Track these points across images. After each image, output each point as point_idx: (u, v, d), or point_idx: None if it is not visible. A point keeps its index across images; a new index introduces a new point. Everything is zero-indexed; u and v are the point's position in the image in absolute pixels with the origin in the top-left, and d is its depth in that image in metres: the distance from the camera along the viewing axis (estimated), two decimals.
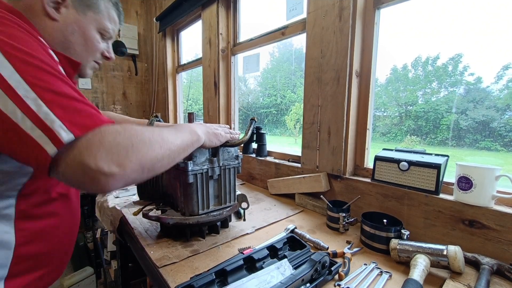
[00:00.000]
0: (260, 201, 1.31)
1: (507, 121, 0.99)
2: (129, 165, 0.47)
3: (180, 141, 0.61)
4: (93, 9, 0.67)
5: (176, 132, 0.62)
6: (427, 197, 0.89)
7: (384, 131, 1.38)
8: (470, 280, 0.68)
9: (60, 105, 0.45)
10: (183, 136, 0.63)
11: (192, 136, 0.67)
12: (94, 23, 0.68)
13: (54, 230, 0.65)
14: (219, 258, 0.78)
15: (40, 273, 0.64)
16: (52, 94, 0.45)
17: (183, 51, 2.72)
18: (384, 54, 1.12)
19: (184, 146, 0.63)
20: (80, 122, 0.46)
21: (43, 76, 0.46)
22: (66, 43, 0.64)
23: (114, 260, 1.77)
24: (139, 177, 0.51)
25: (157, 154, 0.53)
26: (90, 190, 0.47)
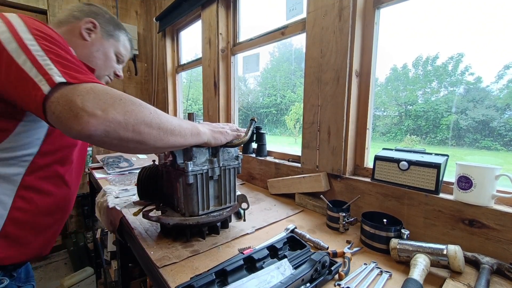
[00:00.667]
0: (260, 201, 1.31)
1: (507, 121, 0.99)
2: (112, 112, 0.51)
3: (177, 124, 0.63)
4: (114, 38, 0.92)
5: (175, 117, 0.65)
6: (427, 196, 0.89)
7: (384, 130, 1.38)
8: (470, 279, 0.68)
9: (61, 64, 0.54)
10: (182, 123, 0.66)
11: (193, 128, 0.69)
12: (113, 47, 0.92)
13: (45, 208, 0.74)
14: (219, 258, 0.78)
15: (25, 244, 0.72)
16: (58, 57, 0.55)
17: (183, 51, 2.72)
18: (384, 54, 1.12)
19: (181, 130, 0.64)
20: (75, 75, 0.53)
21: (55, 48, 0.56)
22: (91, 58, 0.86)
23: (114, 260, 1.77)
24: (121, 130, 0.52)
25: (145, 117, 0.56)
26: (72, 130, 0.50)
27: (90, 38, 0.85)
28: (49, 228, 0.80)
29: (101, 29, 0.88)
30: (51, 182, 0.75)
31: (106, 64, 0.91)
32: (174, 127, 0.62)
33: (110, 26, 0.91)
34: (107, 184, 1.58)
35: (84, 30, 0.84)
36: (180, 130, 0.64)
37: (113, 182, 1.63)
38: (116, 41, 0.92)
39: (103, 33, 0.88)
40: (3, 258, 0.66)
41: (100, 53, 0.88)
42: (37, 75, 0.51)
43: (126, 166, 1.95)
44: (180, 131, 0.64)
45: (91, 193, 2.43)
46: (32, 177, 0.69)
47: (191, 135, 0.68)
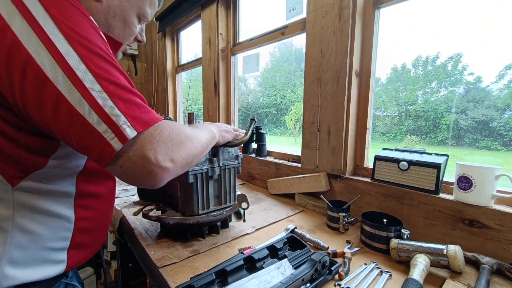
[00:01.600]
0: (260, 201, 1.31)
1: (507, 121, 0.99)
2: (179, 160, 0.51)
3: (206, 138, 0.65)
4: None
5: (201, 131, 0.66)
6: (427, 196, 0.89)
7: (384, 130, 1.38)
8: (470, 279, 0.68)
9: (122, 99, 0.46)
10: (206, 134, 0.67)
11: (211, 134, 0.71)
12: (135, 8, 0.66)
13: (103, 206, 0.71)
14: (219, 258, 0.78)
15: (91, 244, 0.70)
16: (114, 86, 0.46)
17: (183, 51, 2.72)
18: (384, 53, 1.12)
19: (208, 143, 0.67)
20: (141, 118, 0.47)
21: (104, 65, 0.46)
22: (107, 26, 0.63)
23: (114, 260, 1.77)
24: (182, 171, 0.55)
25: (196, 150, 0.58)
26: (143, 184, 0.50)
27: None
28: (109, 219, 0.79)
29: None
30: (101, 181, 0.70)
31: (126, 32, 0.68)
32: (206, 143, 0.65)
33: None
34: None
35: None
36: (208, 144, 0.68)
37: None
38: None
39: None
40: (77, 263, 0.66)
41: (117, 20, 0.64)
42: (101, 125, 0.43)
43: None
44: (208, 145, 0.68)
45: None
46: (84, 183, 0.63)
47: (211, 140, 0.70)
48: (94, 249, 0.73)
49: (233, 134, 0.87)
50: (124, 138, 0.44)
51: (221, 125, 0.85)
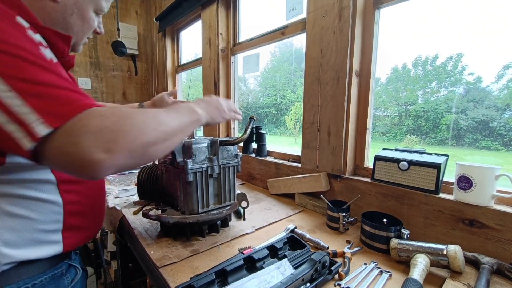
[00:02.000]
0: (260, 201, 1.31)
1: (507, 121, 0.99)
2: (117, 150, 0.44)
3: (178, 122, 0.58)
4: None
5: (172, 113, 0.59)
6: (427, 196, 0.89)
7: (384, 130, 1.38)
8: (470, 279, 0.68)
9: (35, 95, 0.43)
10: (181, 117, 0.61)
11: (192, 116, 0.65)
12: (92, 4, 0.68)
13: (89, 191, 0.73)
14: (219, 258, 0.78)
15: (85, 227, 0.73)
16: (26, 83, 0.43)
17: (183, 51, 2.72)
18: (384, 54, 1.12)
19: (183, 127, 0.60)
20: (58, 111, 0.43)
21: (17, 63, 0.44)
22: (65, 24, 0.65)
23: (114, 260, 1.77)
24: (131, 163, 0.49)
25: (150, 138, 0.49)
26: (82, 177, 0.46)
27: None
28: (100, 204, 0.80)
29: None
30: None
31: (84, 28, 0.69)
32: (176, 128, 0.58)
33: None
34: (107, 184, 1.58)
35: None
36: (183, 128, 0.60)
37: (113, 182, 1.63)
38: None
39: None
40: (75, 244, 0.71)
41: (76, 17, 0.66)
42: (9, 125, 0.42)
43: None
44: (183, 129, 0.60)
45: None
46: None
47: (191, 123, 0.64)
48: (90, 232, 0.77)
49: (226, 114, 0.80)
50: (34, 136, 0.42)
51: (213, 101, 0.77)
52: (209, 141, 0.88)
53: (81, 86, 2.68)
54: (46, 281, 0.64)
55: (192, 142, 0.84)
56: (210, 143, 0.88)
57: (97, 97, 2.80)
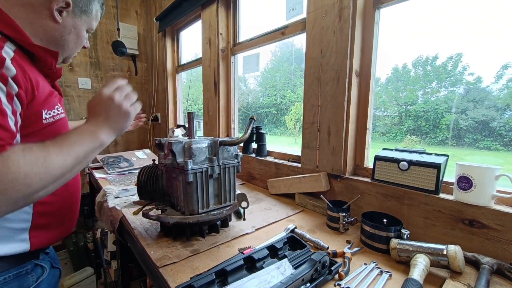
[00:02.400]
0: (260, 201, 1.31)
1: (507, 121, 0.99)
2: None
3: (73, 156, 0.58)
4: (87, 14, 0.78)
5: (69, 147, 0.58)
6: (427, 196, 0.89)
7: (384, 130, 1.38)
8: (470, 279, 0.68)
9: None
10: (80, 149, 0.60)
11: (94, 143, 0.63)
12: (85, 24, 0.79)
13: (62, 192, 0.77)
14: (219, 258, 0.78)
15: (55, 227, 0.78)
16: None
17: (183, 51, 2.72)
18: (384, 54, 1.12)
19: (80, 158, 0.60)
20: None
21: None
22: (62, 41, 0.75)
23: (114, 260, 1.77)
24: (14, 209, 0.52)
25: (35, 188, 0.51)
26: None
27: (62, 18, 0.72)
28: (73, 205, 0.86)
29: (73, 6, 0.73)
30: None
31: (78, 43, 0.80)
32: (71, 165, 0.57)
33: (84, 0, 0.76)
34: (107, 184, 1.58)
35: (56, 11, 0.70)
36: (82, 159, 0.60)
37: (113, 182, 1.63)
38: (89, 17, 0.79)
39: (75, 10, 0.75)
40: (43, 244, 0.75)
41: (73, 35, 0.76)
42: None
43: (126, 166, 1.95)
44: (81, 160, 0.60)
45: (91, 193, 2.43)
46: None
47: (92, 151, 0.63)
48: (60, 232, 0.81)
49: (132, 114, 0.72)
50: None
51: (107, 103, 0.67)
52: (209, 141, 0.88)
53: (81, 86, 2.68)
54: (10, 279, 0.67)
55: (192, 142, 0.84)
56: (211, 143, 0.88)
57: None
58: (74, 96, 2.64)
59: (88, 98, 2.74)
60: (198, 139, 0.89)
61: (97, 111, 0.67)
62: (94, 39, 2.71)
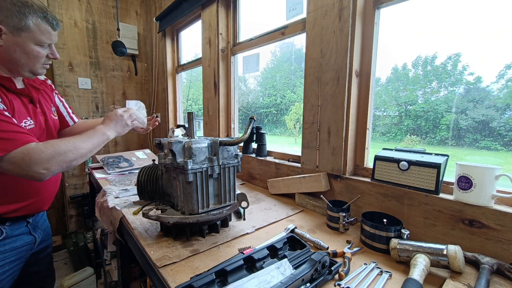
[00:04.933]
0: (260, 201, 1.31)
1: (507, 121, 0.99)
2: (52, 168, 0.80)
3: (91, 144, 0.91)
4: (25, 30, 0.84)
5: (88, 138, 0.91)
6: (427, 196, 0.89)
7: (384, 130, 1.38)
8: (470, 279, 0.68)
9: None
10: (93, 140, 0.93)
11: (102, 137, 0.96)
12: (29, 40, 0.86)
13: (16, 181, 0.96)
14: (219, 258, 0.78)
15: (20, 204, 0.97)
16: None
17: (183, 51, 2.72)
18: (384, 54, 1.12)
19: (95, 146, 0.93)
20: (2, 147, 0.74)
21: None
22: (12, 60, 0.87)
23: (114, 260, 1.77)
24: (61, 170, 0.84)
25: (70, 158, 0.84)
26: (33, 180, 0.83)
27: (3, 41, 0.82)
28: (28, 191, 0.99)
29: (7, 27, 0.81)
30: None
31: (31, 58, 0.88)
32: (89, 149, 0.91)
33: (14, 19, 0.82)
34: (107, 184, 1.58)
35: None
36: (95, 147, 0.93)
37: (113, 182, 1.63)
38: (28, 32, 0.85)
39: (11, 31, 0.82)
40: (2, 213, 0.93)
41: (19, 53, 0.85)
42: None
43: (126, 166, 1.95)
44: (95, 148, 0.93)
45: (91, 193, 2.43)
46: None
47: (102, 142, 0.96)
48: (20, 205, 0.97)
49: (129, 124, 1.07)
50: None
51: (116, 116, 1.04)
52: (209, 141, 0.88)
53: (81, 86, 2.68)
54: None
55: (192, 142, 0.84)
56: (210, 143, 0.88)
57: (97, 97, 2.80)
58: (74, 96, 2.64)
59: (87, 98, 2.75)
60: (198, 139, 0.89)
61: (110, 118, 1.04)
62: (94, 39, 2.71)
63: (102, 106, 2.84)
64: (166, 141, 0.89)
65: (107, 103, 2.87)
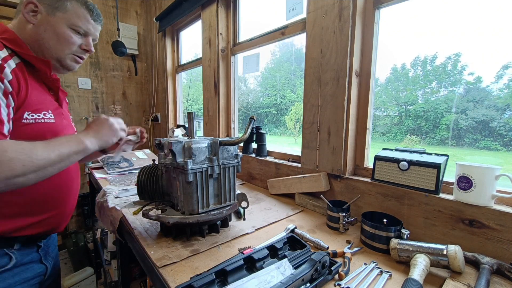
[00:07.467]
0: (260, 201, 1.31)
1: (507, 121, 0.99)
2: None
3: (57, 153, 0.65)
4: (61, 10, 0.80)
5: (54, 146, 0.66)
6: (427, 196, 0.89)
7: (384, 130, 1.38)
8: (470, 279, 0.68)
9: None
10: (62, 148, 0.67)
11: (78, 146, 0.72)
12: (63, 21, 0.80)
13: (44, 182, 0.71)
14: (219, 258, 0.78)
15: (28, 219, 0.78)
16: None
17: (183, 51, 2.72)
18: (384, 54, 1.12)
19: (64, 157, 0.67)
20: None
21: None
22: (40, 40, 0.80)
23: (114, 260, 1.77)
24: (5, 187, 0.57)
25: (16, 172, 0.57)
26: None
27: (37, 19, 0.79)
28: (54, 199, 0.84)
29: (43, 5, 0.79)
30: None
31: (61, 41, 0.82)
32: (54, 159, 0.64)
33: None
34: (107, 184, 1.58)
35: (27, 14, 0.78)
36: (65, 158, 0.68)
37: (113, 182, 1.63)
38: (64, 13, 0.80)
39: (47, 9, 0.79)
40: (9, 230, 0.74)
41: (49, 33, 0.80)
42: None
43: (126, 166, 1.95)
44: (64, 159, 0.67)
45: (91, 193, 2.43)
46: None
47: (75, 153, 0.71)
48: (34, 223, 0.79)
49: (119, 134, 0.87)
50: None
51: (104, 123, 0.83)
52: (209, 141, 0.88)
53: (81, 86, 2.68)
54: None
55: (192, 142, 0.84)
56: (210, 143, 0.88)
57: (97, 97, 2.80)
58: (74, 96, 2.64)
59: (88, 98, 2.75)
60: (198, 139, 0.89)
61: (91, 126, 0.82)
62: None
63: (102, 106, 2.84)
64: (166, 141, 0.89)
65: (107, 103, 2.87)
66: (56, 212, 0.86)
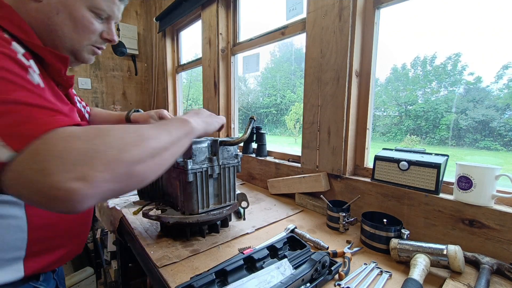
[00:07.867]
0: (260, 201, 1.31)
1: (507, 121, 0.99)
2: (94, 176, 0.35)
3: (167, 135, 0.49)
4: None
5: (160, 126, 0.51)
6: (427, 196, 0.89)
7: (384, 130, 1.38)
8: (470, 279, 0.68)
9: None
10: (171, 129, 0.52)
11: (184, 127, 0.56)
12: (82, 1, 0.59)
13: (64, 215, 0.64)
14: (219, 258, 0.78)
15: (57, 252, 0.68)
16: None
17: (183, 51, 2.72)
18: (384, 53, 1.12)
19: (175, 140, 0.51)
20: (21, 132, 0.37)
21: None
22: (52, 25, 0.58)
23: (114, 260, 1.77)
24: (117, 188, 0.40)
25: (133, 156, 0.41)
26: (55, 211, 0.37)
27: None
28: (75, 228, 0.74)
29: None
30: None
31: (79, 28, 0.61)
32: (167, 142, 0.49)
33: None
34: None
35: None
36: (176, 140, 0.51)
37: None
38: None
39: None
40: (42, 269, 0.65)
41: (63, 16, 0.58)
42: None
43: None
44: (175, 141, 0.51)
45: None
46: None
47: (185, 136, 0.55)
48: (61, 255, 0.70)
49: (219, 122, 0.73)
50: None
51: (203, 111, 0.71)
52: (209, 141, 0.88)
53: (81, 86, 2.68)
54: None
55: (192, 142, 0.84)
56: (210, 143, 0.88)
57: (97, 97, 2.80)
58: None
59: (88, 98, 2.75)
60: (198, 139, 0.89)
61: (187, 113, 0.66)
62: None
63: (102, 106, 2.84)
64: None
65: (107, 103, 2.87)
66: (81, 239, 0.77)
